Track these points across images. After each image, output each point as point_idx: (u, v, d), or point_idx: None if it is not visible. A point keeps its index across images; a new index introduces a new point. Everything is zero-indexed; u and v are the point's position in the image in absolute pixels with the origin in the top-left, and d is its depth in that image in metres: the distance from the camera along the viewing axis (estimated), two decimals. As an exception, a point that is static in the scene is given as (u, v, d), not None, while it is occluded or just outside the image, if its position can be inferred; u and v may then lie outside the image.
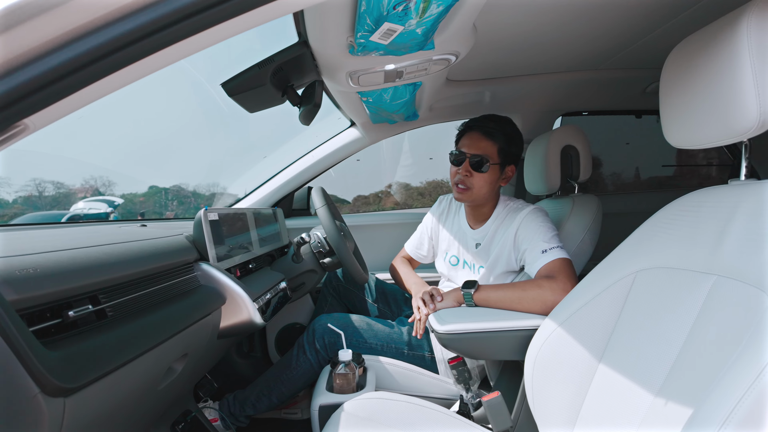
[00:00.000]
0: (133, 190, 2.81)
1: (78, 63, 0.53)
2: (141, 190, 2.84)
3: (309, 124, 1.38)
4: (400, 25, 0.92)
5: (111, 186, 2.67)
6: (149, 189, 2.85)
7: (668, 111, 0.94)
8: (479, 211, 1.58)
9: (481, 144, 1.49)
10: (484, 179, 1.49)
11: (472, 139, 1.51)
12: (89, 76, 0.54)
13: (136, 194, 2.81)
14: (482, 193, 1.51)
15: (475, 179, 1.49)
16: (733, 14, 0.78)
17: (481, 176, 1.49)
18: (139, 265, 0.88)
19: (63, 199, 2.59)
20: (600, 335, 1.00)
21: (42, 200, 2.43)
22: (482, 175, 1.49)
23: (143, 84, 0.67)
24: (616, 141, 2.63)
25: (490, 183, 1.50)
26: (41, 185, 2.42)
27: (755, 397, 0.57)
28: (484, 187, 1.50)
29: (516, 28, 1.35)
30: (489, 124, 1.50)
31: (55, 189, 2.51)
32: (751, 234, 0.77)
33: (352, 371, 1.33)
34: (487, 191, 1.51)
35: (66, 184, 2.59)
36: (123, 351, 0.71)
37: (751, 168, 0.91)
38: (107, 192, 2.66)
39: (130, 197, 2.73)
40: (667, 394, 0.81)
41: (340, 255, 1.61)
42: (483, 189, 1.50)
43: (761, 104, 0.74)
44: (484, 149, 1.49)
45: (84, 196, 2.62)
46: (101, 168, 2.70)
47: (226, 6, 0.58)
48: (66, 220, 2.14)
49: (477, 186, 1.50)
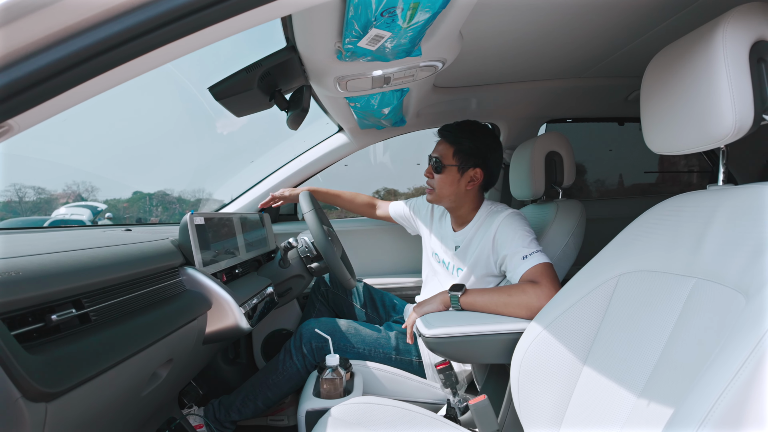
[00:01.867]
0: (117, 195, 2.76)
1: (64, 64, 0.53)
2: (125, 196, 2.79)
3: (296, 129, 1.38)
4: (388, 32, 0.93)
5: (94, 191, 2.62)
6: (134, 194, 2.80)
7: (648, 118, 0.97)
8: (457, 213, 1.63)
9: (440, 147, 1.59)
10: (442, 180, 1.56)
11: (437, 144, 1.62)
12: (75, 77, 0.54)
13: (120, 200, 2.76)
14: (444, 193, 1.58)
15: (436, 180, 1.58)
16: (710, 25, 0.81)
17: (439, 177, 1.57)
18: (123, 269, 0.87)
19: (44, 205, 2.54)
20: (584, 338, 1.02)
21: (22, 206, 2.38)
22: (440, 176, 1.57)
23: (129, 87, 0.67)
24: (600, 148, 2.67)
25: (449, 184, 1.56)
26: (21, 190, 2.37)
27: (732, 396, 0.59)
28: (444, 188, 1.57)
29: (501, 36, 1.37)
30: (449, 128, 1.59)
31: (36, 194, 2.46)
32: (728, 237, 0.79)
33: (339, 376, 1.33)
34: (450, 192, 1.57)
35: (47, 189, 2.54)
36: (106, 356, 0.69)
37: (728, 173, 0.94)
38: (90, 197, 2.62)
39: (113, 203, 2.69)
40: (649, 395, 0.82)
41: (328, 260, 1.61)
42: (444, 189, 1.57)
43: (737, 111, 0.77)
44: (440, 151, 1.58)
45: (66, 202, 2.57)
46: (84, 172, 2.66)
47: (212, 10, 0.59)
48: (48, 225, 2.10)
49: (438, 186, 1.58)
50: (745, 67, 0.77)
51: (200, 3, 0.58)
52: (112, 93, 0.64)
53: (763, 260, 0.70)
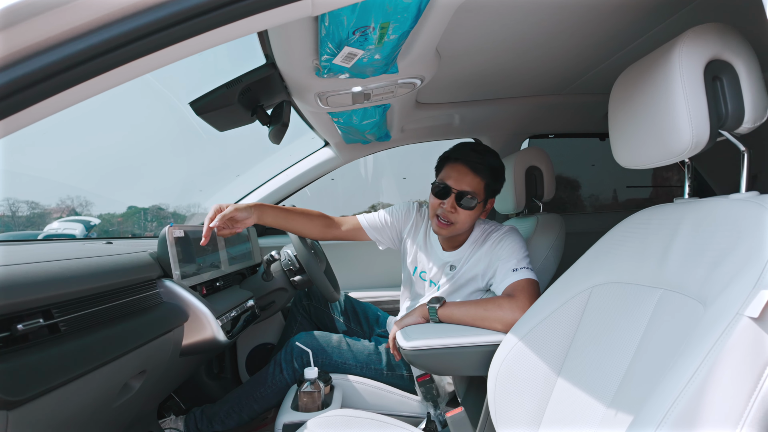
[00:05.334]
0: (111, 210, 2.76)
1: (43, 74, 0.54)
2: (119, 211, 2.79)
3: (279, 143, 1.40)
4: (361, 50, 0.96)
5: (88, 206, 2.62)
6: (128, 209, 2.80)
7: (615, 133, 1.00)
8: (455, 237, 1.54)
9: (468, 179, 1.43)
10: (469, 215, 1.44)
11: (459, 173, 1.44)
12: (53, 87, 0.56)
13: (114, 214, 2.76)
14: (464, 228, 1.48)
15: (460, 215, 1.43)
16: (668, 45, 0.84)
17: (466, 213, 1.43)
18: (96, 281, 0.87)
19: (37, 219, 2.53)
20: (558, 349, 1.03)
21: (15, 220, 2.37)
22: (468, 212, 1.43)
23: (117, 102, 0.69)
24: (583, 163, 2.72)
25: (473, 218, 1.47)
26: (14, 205, 2.36)
27: (687, 399, 0.61)
28: (467, 223, 1.46)
29: (479, 55, 1.41)
30: (476, 158, 1.44)
31: (30, 209, 2.45)
32: (690, 249, 0.81)
33: (318, 389, 1.32)
34: (469, 226, 1.50)
35: (41, 204, 2.53)
36: (73, 365, 0.70)
37: (699, 186, 0.97)
38: (84, 212, 2.61)
39: (107, 217, 2.68)
40: (618, 404, 0.83)
41: (310, 272, 1.62)
42: (466, 224, 1.46)
43: (693, 127, 0.80)
44: (472, 185, 1.43)
45: (59, 216, 2.56)
46: (78, 188, 2.66)
47: (184, 26, 0.61)
48: (40, 239, 2.10)
49: (461, 222, 1.44)
50: (700, 84, 0.80)
51: (172, 19, 0.60)
52: (102, 108, 0.65)
53: (720, 271, 0.72)
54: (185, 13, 0.59)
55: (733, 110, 0.80)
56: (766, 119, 0.82)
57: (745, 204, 0.75)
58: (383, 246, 1.75)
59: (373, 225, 1.71)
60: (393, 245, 1.74)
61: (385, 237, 1.72)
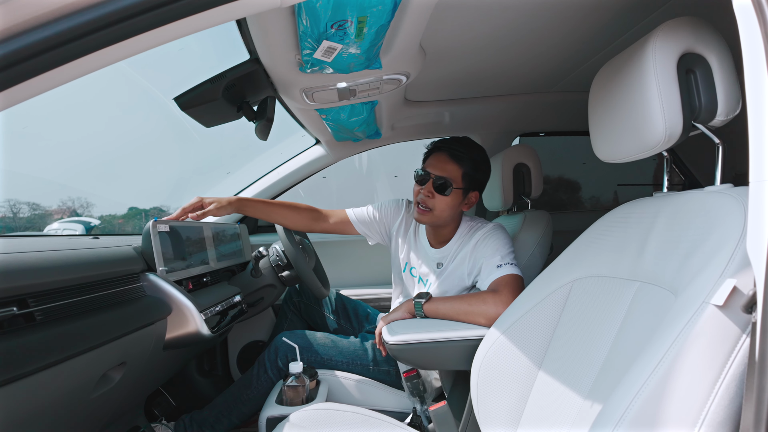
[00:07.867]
0: (112, 211, 2.76)
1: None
2: (121, 212, 2.79)
3: (265, 139, 1.40)
4: (340, 44, 0.97)
5: (89, 207, 2.62)
6: (129, 210, 2.81)
7: (595, 128, 1.00)
8: (440, 231, 1.56)
9: (447, 167, 1.46)
10: (446, 202, 1.46)
11: (439, 160, 1.48)
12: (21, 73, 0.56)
13: (116, 215, 2.76)
14: (443, 216, 1.49)
15: (437, 201, 1.46)
16: (643, 39, 0.85)
17: (443, 199, 1.46)
18: (75, 272, 0.87)
19: (38, 220, 2.54)
20: (540, 343, 1.04)
21: (16, 221, 2.38)
22: (444, 198, 1.46)
23: (105, 98, 0.69)
24: (574, 161, 2.72)
25: (451, 207, 1.48)
26: (16, 206, 2.37)
27: (647, 394, 0.61)
28: (445, 211, 1.47)
29: (465, 53, 1.41)
30: (457, 147, 1.47)
31: (31, 210, 2.46)
32: (666, 241, 0.82)
33: (303, 384, 1.33)
34: (448, 215, 1.49)
35: (42, 205, 2.54)
36: (49, 352, 0.70)
37: (692, 179, 0.97)
38: (85, 213, 2.62)
39: (108, 218, 2.69)
40: (593, 396, 0.84)
41: (298, 268, 1.62)
42: (444, 212, 1.48)
43: (666, 120, 0.80)
44: (449, 172, 1.46)
45: (60, 218, 2.57)
46: (79, 190, 2.66)
47: (159, 12, 0.61)
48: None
49: (438, 208, 1.47)
50: (673, 77, 0.80)
51: (147, 4, 0.60)
52: (98, 108, 0.65)
53: (691, 261, 0.72)
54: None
55: (706, 103, 0.81)
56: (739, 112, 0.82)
57: (718, 195, 0.76)
58: (372, 241, 1.76)
59: (361, 219, 1.72)
60: (382, 241, 1.75)
61: (374, 232, 1.73)
